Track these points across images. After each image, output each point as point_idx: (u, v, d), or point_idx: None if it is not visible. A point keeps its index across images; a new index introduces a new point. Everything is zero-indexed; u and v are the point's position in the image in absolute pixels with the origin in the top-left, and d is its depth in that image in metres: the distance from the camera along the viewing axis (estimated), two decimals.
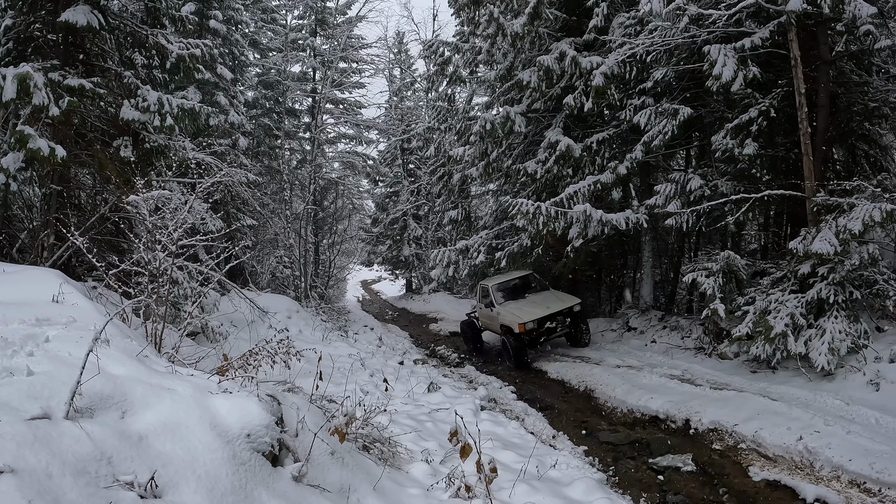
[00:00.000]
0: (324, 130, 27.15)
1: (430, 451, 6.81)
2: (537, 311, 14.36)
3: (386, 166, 36.10)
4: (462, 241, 17.78)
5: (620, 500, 6.59)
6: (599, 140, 13.54)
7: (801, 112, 9.99)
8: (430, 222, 33.55)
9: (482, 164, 16.79)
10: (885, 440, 7.13)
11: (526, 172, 14.39)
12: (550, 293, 15.58)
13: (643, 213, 12.49)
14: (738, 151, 10.78)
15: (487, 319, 16.28)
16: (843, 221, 9.05)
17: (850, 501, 6.47)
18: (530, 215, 12.32)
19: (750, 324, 9.90)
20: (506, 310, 14.87)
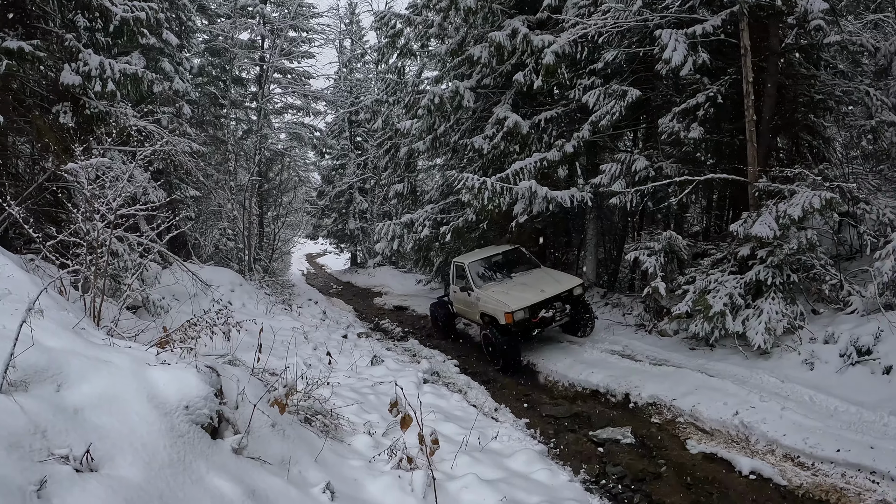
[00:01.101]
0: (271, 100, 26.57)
1: (373, 423, 6.84)
2: (528, 296, 11.64)
3: (333, 138, 35.64)
4: (407, 215, 17.38)
5: (560, 471, 6.73)
6: (547, 118, 13.56)
7: (747, 100, 10.19)
8: (377, 196, 33.36)
9: (429, 138, 16.66)
10: (819, 417, 7.43)
11: (473, 148, 14.24)
12: (542, 272, 13.11)
13: (588, 192, 12.58)
14: (683, 135, 10.96)
15: (463, 306, 13.63)
16: (784, 207, 9.31)
17: (785, 474, 6.74)
18: (475, 190, 12.14)
19: (690, 302, 10.17)
20: (488, 295, 12.16)
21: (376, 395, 8.42)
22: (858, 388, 7.78)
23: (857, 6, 13.31)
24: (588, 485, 6.80)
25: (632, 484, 6.91)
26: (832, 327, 8.95)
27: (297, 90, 29.22)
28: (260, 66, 25.89)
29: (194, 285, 12.19)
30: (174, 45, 16.22)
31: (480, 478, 5.62)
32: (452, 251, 17.05)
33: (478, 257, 13.67)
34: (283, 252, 35.61)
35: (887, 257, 8.66)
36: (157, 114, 15.18)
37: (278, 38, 25.35)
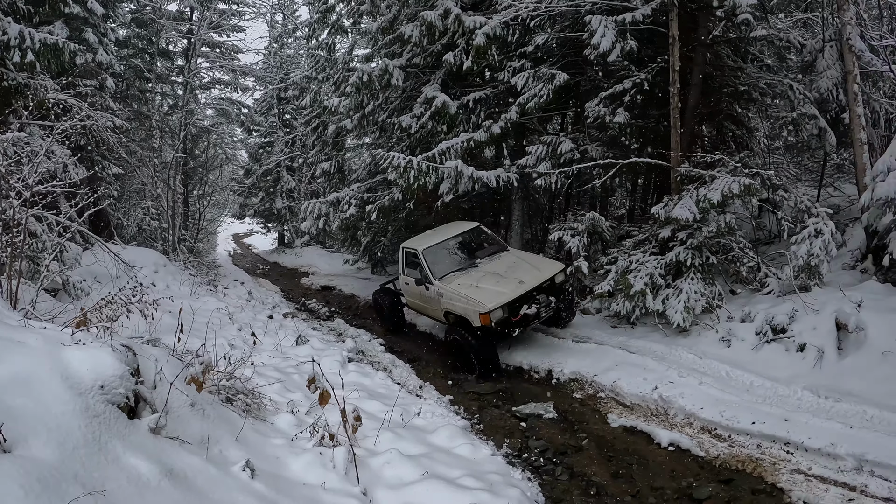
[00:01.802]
0: (198, 75, 25.79)
1: (296, 402, 6.82)
2: (505, 290, 9.99)
3: (261, 115, 34.88)
4: (334, 194, 17.01)
5: (483, 446, 6.84)
6: (476, 99, 13.55)
7: (673, 88, 10.48)
8: (304, 175, 32.84)
9: (357, 116, 16.38)
10: (735, 391, 7.76)
11: (401, 127, 14.08)
12: (513, 256, 11.38)
13: (514, 173, 12.67)
14: (609, 119, 11.22)
15: (419, 301, 11.86)
16: (704, 191, 9.63)
17: (702, 445, 7.00)
18: (401, 169, 12.00)
19: (612, 282, 10.46)
20: (453, 290, 10.37)
21: (300, 375, 8.35)
22: (773, 364, 8.14)
23: (789, 4, 13.80)
24: (510, 458, 6.95)
25: (554, 457, 7.09)
26: (749, 307, 9.30)
27: (225, 65, 28.38)
28: (188, 39, 25.07)
29: (116, 267, 11.82)
30: (99, 14, 15.60)
31: (403, 453, 5.68)
32: (380, 230, 16.90)
33: (433, 241, 11.66)
34: (209, 232, 34.89)
35: (803, 242, 9.12)
36: (78, 87, 14.57)
37: (207, 9, 24.56)
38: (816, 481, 6.07)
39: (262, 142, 35.87)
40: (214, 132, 28.28)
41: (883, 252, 8.97)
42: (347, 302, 18.10)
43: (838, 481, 6.01)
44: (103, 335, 5.22)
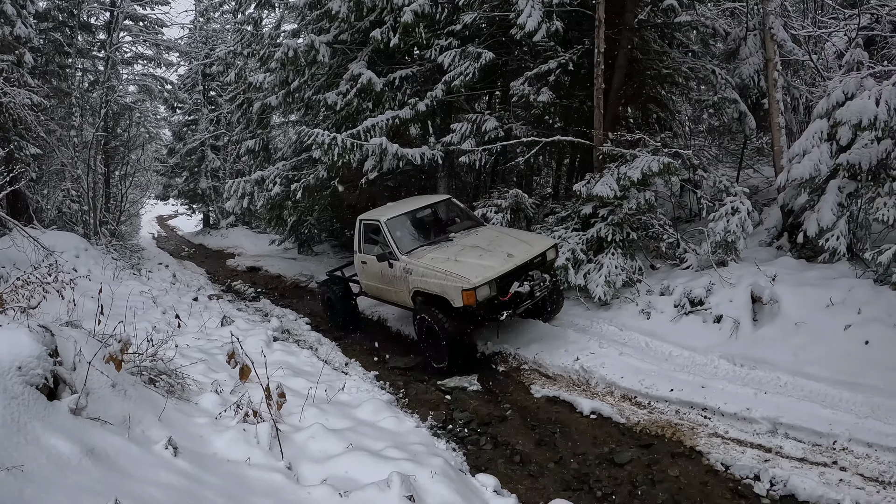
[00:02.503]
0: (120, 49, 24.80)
1: (221, 381, 6.73)
2: (492, 263, 8.68)
3: (185, 92, 33.91)
4: (258, 172, 16.77)
5: (408, 418, 6.90)
6: (403, 76, 13.48)
7: (597, 69, 10.67)
8: (229, 153, 32.20)
9: (283, 92, 16.08)
10: (654, 361, 8.03)
11: (326, 104, 13.80)
12: (495, 231, 10.28)
13: (439, 150, 12.63)
14: (533, 98, 11.32)
15: (379, 283, 10.37)
16: (625, 169, 9.89)
17: (623, 413, 7.20)
18: (326, 146, 11.81)
19: None
20: (426, 264, 9.03)
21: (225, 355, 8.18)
22: (691, 334, 8.43)
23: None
24: (435, 430, 7.03)
25: (478, 427, 7.21)
26: (668, 281, 9.62)
27: (149, 39, 27.34)
28: (110, 12, 24.07)
29: (36, 252, 11.42)
30: None
31: (327, 427, 5.68)
32: (306, 210, 16.66)
33: (398, 211, 10.39)
34: (132, 214, 33.89)
35: (720, 219, 9.49)
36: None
37: None
38: (733, 444, 6.32)
39: (187, 120, 35.04)
40: (137, 110, 27.36)
41: (797, 230, 9.34)
42: (274, 282, 17.94)
43: (754, 443, 6.27)
44: (20, 317, 5.07)
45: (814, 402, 6.60)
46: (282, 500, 4.41)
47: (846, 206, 8.72)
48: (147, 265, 20.23)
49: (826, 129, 8.66)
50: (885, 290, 7.63)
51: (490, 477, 5.74)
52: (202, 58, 32.57)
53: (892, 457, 5.75)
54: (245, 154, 22.79)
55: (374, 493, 4.51)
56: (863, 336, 7.14)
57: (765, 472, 5.79)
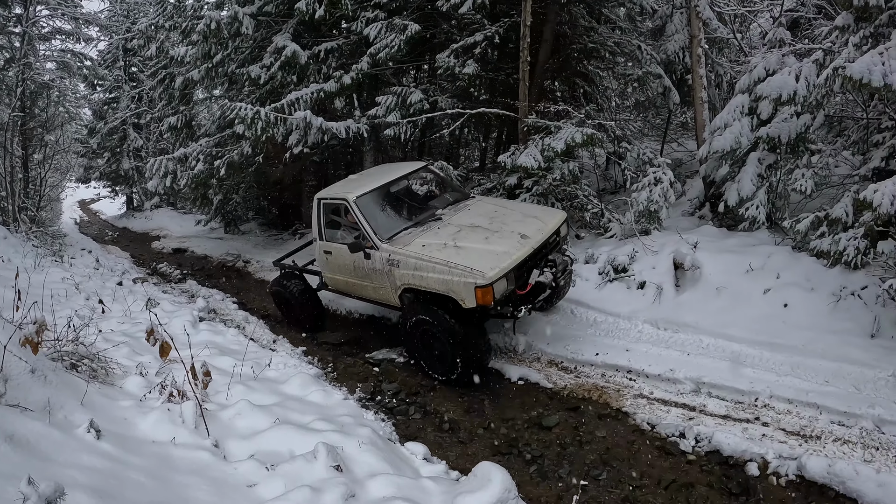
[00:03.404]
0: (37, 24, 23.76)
1: (146, 364, 6.57)
2: (506, 247, 7.12)
3: (105, 69, 32.56)
4: (181, 150, 16.28)
5: (336, 392, 6.91)
6: (328, 49, 13.23)
7: (524, 42, 10.68)
8: (152, 132, 31.28)
9: (205, 66, 15.51)
10: (580, 327, 8.26)
11: (250, 77, 13.46)
12: (485, 202, 8.95)
13: (364, 123, 12.51)
14: (458, 70, 11.29)
15: (351, 276, 8.55)
16: (549, 141, 9.99)
17: (550, 378, 7.38)
18: (249, 120, 11.49)
19: None
20: (419, 253, 7.32)
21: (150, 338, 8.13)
22: (615, 301, 8.60)
23: None
24: (364, 402, 7.08)
25: (407, 398, 7.30)
26: (593, 249, 9.77)
27: (67, 12, 26.16)
28: None
29: None
30: None
31: (254, 404, 5.62)
32: (231, 188, 16.32)
33: (369, 186, 8.54)
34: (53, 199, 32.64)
35: (643, 189, 9.69)
36: None
37: None
38: (658, 404, 6.54)
39: (107, 97, 33.71)
40: (56, 88, 26.27)
41: (719, 200, 9.69)
42: (200, 263, 17.64)
43: (679, 402, 6.50)
44: None
45: (735, 362, 6.88)
46: (208, 477, 4.36)
47: (765, 177, 9.03)
48: (69, 251, 19.52)
49: (747, 103, 8.91)
50: (803, 257, 7.97)
51: (419, 445, 5.82)
52: (123, 32, 31.38)
53: (811, 411, 6.06)
54: (168, 132, 22.11)
55: (301, 465, 4.51)
56: (781, 299, 7.46)
57: (690, 429, 6.02)
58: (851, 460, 5.37)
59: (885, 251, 7.19)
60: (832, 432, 5.81)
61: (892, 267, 7.40)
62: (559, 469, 5.75)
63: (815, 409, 6.12)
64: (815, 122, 8.83)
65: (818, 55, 8.21)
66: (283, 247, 15.83)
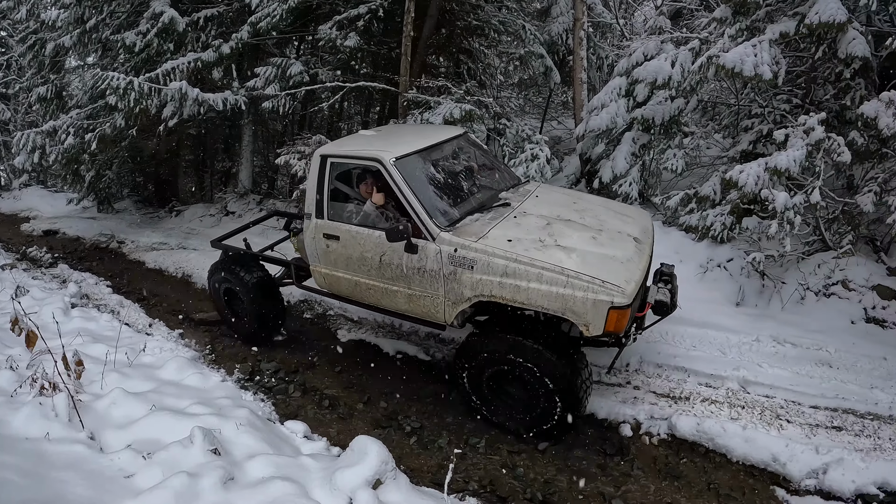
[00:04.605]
0: None
1: (16, 357, 6.21)
2: (627, 254, 5.50)
3: None
4: (51, 122, 15.40)
5: (213, 374, 6.75)
6: (208, 16, 12.60)
7: (408, 16, 10.60)
8: (21, 103, 29.55)
9: (78, 32, 14.49)
10: None
11: (125, 45, 12.60)
12: (548, 188, 7.22)
13: (243, 95, 12.09)
14: (340, 42, 11.10)
15: (369, 275, 6.28)
16: (428, 115, 10.05)
17: (428, 350, 7.56)
18: (122, 91, 10.81)
19: None
20: (505, 250, 5.32)
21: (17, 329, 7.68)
22: None
23: None
24: (242, 383, 6.99)
25: (286, 376, 7.23)
26: None
27: None
28: None
29: None
30: None
31: (129, 392, 5.43)
32: (105, 163, 15.42)
33: (410, 147, 6.28)
34: None
35: (521, 165, 9.84)
36: None
37: None
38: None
39: None
40: None
41: (594, 176, 10.05)
42: (72, 245, 16.71)
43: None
44: None
45: None
46: (85, 470, 4.20)
47: (639, 155, 9.40)
48: None
49: (625, 85, 9.21)
50: (673, 231, 8.47)
51: (300, 423, 5.81)
52: None
53: (680, 374, 6.50)
54: (37, 103, 20.81)
55: (178, 451, 4.40)
56: None
57: None
58: (719, 419, 5.78)
59: (749, 227, 7.78)
60: (700, 393, 6.23)
61: (756, 241, 7.95)
62: (438, 439, 5.88)
63: (684, 372, 6.55)
64: (688, 106, 9.25)
65: (695, 44, 8.59)
66: (158, 225, 15.23)
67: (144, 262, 12.69)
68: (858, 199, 7.47)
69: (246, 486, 4.17)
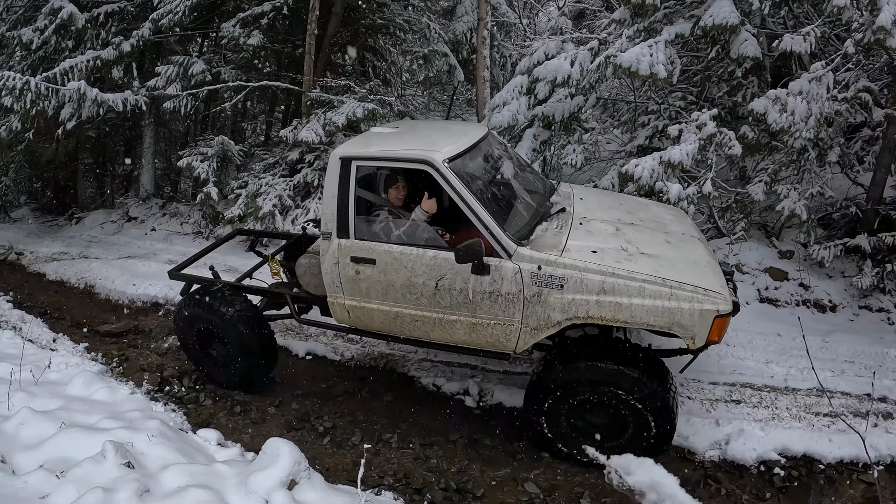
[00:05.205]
0: None
1: None
2: (708, 259, 5.26)
3: None
4: None
5: (122, 387, 6.61)
6: (109, 12, 12.17)
7: (312, 14, 10.61)
8: None
9: None
10: None
11: (21, 41, 11.96)
12: (584, 189, 7.09)
13: (143, 95, 11.75)
14: (243, 41, 11.08)
15: (421, 307, 5.32)
16: (331, 115, 10.18)
17: (337, 350, 7.60)
18: (17, 92, 10.36)
19: (242, 205, 10.52)
20: (598, 264, 4.72)
21: None
22: None
23: None
24: (152, 394, 6.81)
25: (196, 384, 7.07)
26: None
27: None
28: None
29: None
30: None
31: (37, 410, 5.30)
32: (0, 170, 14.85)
33: (457, 145, 5.36)
34: None
35: None
36: None
37: None
38: (442, 366, 6.96)
39: None
40: None
41: None
42: None
43: (462, 363, 6.96)
44: None
45: None
46: None
47: (540, 151, 9.68)
48: None
49: (526, 83, 9.40)
50: None
51: (212, 431, 5.79)
52: None
53: None
54: None
55: (91, 467, 4.35)
56: None
57: (473, 387, 6.52)
58: None
59: None
60: None
61: None
62: (352, 437, 5.95)
63: None
64: (587, 103, 9.59)
65: (594, 44, 8.86)
66: (58, 234, 14.50)
67: (45, 274, 12.08)
68: (750, 189, 8.03)
69: (161, 496, 4.16)
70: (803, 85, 7.04)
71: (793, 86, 7.11)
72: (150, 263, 10.92)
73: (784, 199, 7.69)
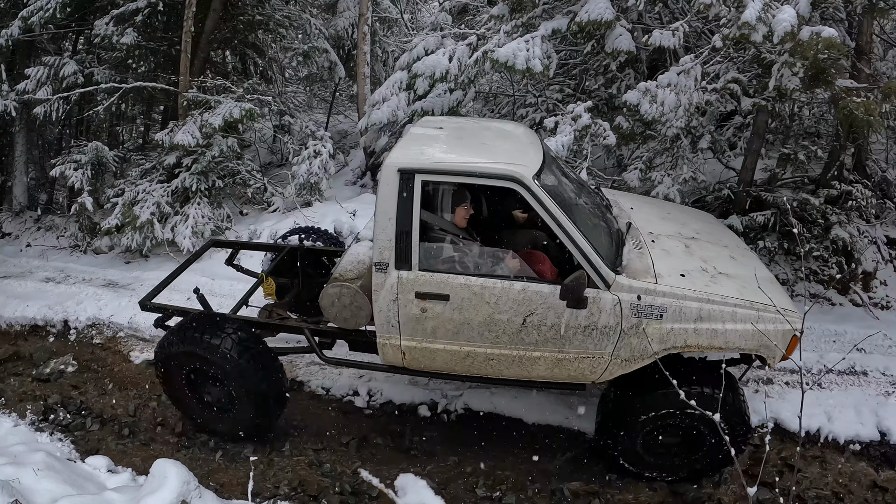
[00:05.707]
0: None
1: None
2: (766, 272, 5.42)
3: None
4: None
5: (3, 420, 6.32)
6: None
7: (188, 11, 10.31)
8: None
9: None
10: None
11: None
12: (627, 197, 6.57)
13: (13, 100, 11.02)
14: (116, 39, 10.66)
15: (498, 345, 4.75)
16: (208, 116, 9.95)
17: None
18: None
19: (119, 215, 10.10)
20: (694, 290, 4.56)
21: None
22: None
23: None
24: (37, 425, 6.47)
25: (82, 410, 6.76)
26: (255, 225, 10.00)
27: None
28: None
29: None
30: None
31: None
32: None
33: (533, 157, 4.78)
34: None
35: (304, 162, 10.24)
36: None
37: None
38: (330, 368, 6.90)
39: None
40: None
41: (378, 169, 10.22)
42: None
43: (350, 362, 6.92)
44: None
45: None
46: None
47: None
48: None
49: (406, 79, 9.46)
50: None
51: (101, 458, 5.60)
52: None
53: None
54: None
55: None
56: None
57: (362, 387, 6.59)
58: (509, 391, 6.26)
59: None
60: None
61: None
62: (244, 450, 5.86)
63: None
64: (466, 97, 9.70)
65: (472, 39, 8.97)
66: None
67: None
68: (626, 176, 8.32)
69: None
70: (672, 77, 7.31)
71: (662, 78, 7.37)
72: (26, 283, 9.96)
73: (658, 184, 7.99)
